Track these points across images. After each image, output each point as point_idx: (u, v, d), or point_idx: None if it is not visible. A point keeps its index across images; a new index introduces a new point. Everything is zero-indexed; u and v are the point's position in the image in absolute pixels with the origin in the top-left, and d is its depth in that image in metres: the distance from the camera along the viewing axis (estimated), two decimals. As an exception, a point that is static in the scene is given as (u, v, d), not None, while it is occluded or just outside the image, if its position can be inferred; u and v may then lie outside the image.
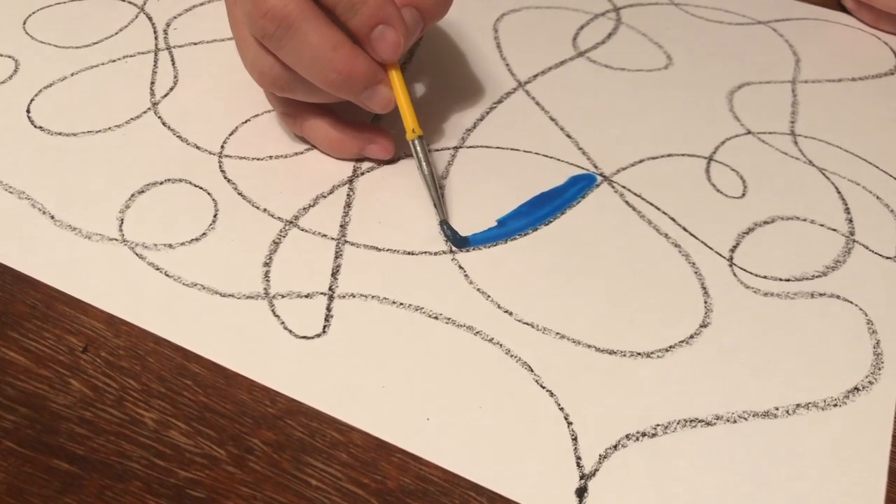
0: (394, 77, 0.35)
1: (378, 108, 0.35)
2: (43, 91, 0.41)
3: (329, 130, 0.37)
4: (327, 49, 0.32)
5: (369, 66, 0.33)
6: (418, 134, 0.36)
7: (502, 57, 0.45)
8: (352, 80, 0.33)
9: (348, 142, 0.37)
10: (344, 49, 0.32)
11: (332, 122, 0.37)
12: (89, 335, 0.31)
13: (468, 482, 0.27)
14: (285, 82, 0.34)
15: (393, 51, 0.33)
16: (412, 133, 0.36)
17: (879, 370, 0.31)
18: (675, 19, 0.49)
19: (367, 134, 0.37)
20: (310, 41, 0.32)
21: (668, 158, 0.39)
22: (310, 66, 0.33)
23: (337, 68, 0.32)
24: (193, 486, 0.27)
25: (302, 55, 0.32)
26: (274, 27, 0.32)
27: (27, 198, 0.36)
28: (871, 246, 0.35)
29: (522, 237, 0.35)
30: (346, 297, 0.32)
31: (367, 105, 0.35)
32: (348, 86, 0.33)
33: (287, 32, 0.32)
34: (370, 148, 0.37)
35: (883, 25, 0.48)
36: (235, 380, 0.30)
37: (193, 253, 0.34)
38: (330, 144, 0.37)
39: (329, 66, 0.32)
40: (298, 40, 0.32)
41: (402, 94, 0.35)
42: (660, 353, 0.31)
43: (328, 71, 0.32)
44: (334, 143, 0.37)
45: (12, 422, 0.28)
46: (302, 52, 0.32)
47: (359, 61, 0.33)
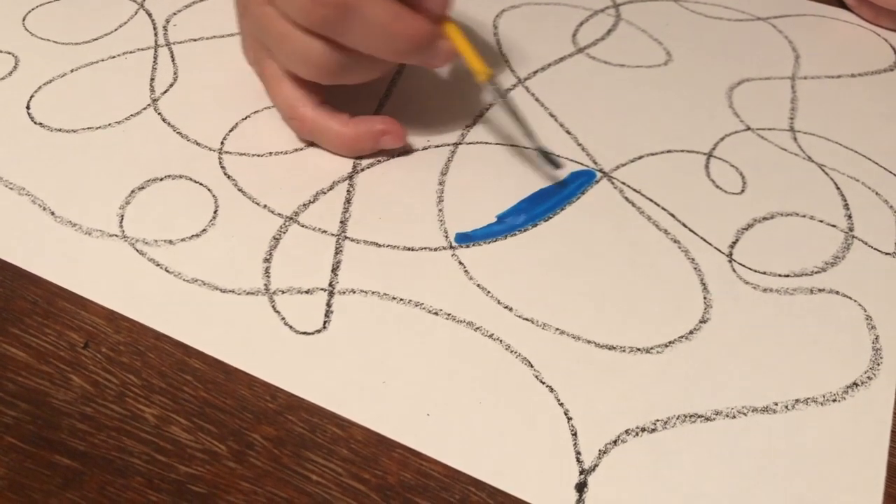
0: (450, 29, 0.35)
1: (442, 62, 0.36)
2: (43, 87, 0.41)
3: (342, 131, 0.37)
4: (391, 20, 0.33)
5: (429, 25, 0.34)
6: (490, 74, 0.36)
7: (502, 53, 0.45)
8: (418, 43, 0.34)
9: (363, 138, 0.37)
10: (404, 16, 0.33)
11: (343, 122, 0.37)
12: (90, 331, 0.31)
13: (468, 477, 0.27)
14: (338, 66, 0.34)
15: (445, 3, 0.34)
16: (484, 76, 0.36)
17: (878, 365, 0.31)
18: (675, 15, 0.49)
19: (378, 126, 0.37)
20: (374, 17, 0.32)
21: (667, 154, 0.39)
22: (376, 40, 0.33)
23: (403, 36, 0.33)
24: (194, 481, 0.27)
25: (368, 32, 0.33)
26: (335, 13, 0.32)
27: (27, 194, 0.36)
28: (870, 242, 0.36)
29: (522, 233, 0.35)
30: (347, 292, 0.33)
31: (432, 62, 0.35)
32: (416, 49, 0.34)
33: (351, 14, 0.32)
34: (384, 139, 0.38)
35: (883, 22, 0.48)
36: (236, 375, 0.30)
37: (194, 249, 0.34)
38: (344, 144, 0.37)
39: (396, 35, 0.33)
40: (362, 19, 0.32)
41: (462, 42, 0.36)
42: (659, 349, 0.31)
43: (395, 40, 0.33)
44: (349, 143, 0.37)
45: (13, 417, 0.28)
46: (368, 29, 0.33)
47: (419, 23, 0.34)
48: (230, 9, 0.39)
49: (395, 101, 0.41)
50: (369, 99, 0.41)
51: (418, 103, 0.41)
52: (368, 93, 0.41)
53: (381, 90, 0.42)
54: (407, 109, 0.40)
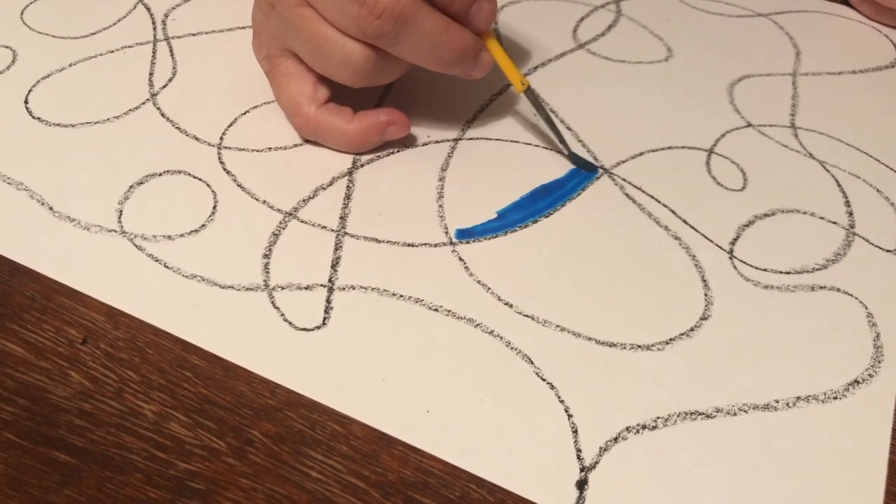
0: (491, 42, 0.37)
1: (482, 73, 0.37)
2: (41, 82, 0.41)
3: (346, 128, 0.37)
4: (441, 33, 0.34)
5: (474, 38, 0.36)
6: (527, 85, 0.38)
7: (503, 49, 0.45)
8: (465, 55, 0.35)
9: (368, 132, 0.37)
10: (452, 29, 0.34)
11: (347, 119, 0.37)
12: (88, 327, 0.31)
13: (469, 474, 0.27)
14: (376, 70, 0.35)
15: (489, 20, 0.36)
16: (521, 86, 0.38)
17: (879, 363, 0.31)
18: (676, 11, 0.49)
19: (382, 118, 0.37)
20: (426, 30, 0.34)
21: (668, 151, 0.39)
22: (426, 52, 0.34)
23: (452, 47, 0.35)
24: (193, 477, 0.27)
25: (419, 45, 0.34)
26: (391, 25, 0.33)
27: (25, 189, 0.36)
28: (871, 239, 0.35)
29: (522, 229, 0.35)
30: (346, 288, 0.32)
31: (472, 73, 0.37)
32: (462, 61, 0.35)
33: (405, 27, 0.33)
34: (390, 130, 0.38)
35: (884, 19, 0.48)
36: (235, 371, 0.30)
37: (193, 244, 0.34)
38: (351, 140, 0.37)
39: (445, 47, 0.34)
40: (416, 32, 0.33)
41: (501, 55, 0.37)
42: (660, 346, 0.31)
43: (445, 52, 0.35)
44: (356, 138, 0.37)
45: (12, 413, 0.28)
46: (419, 42, 0.34)
47: (466, 36, 0.35)
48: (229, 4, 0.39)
49: (396, 97, 0.41)
50: (370, 95, 0.41)
51: (418, 98, 0.41)
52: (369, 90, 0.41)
53: (381, 87, 0.42)
54: (407, 105, 0.39)
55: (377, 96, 0.41)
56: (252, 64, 0.39)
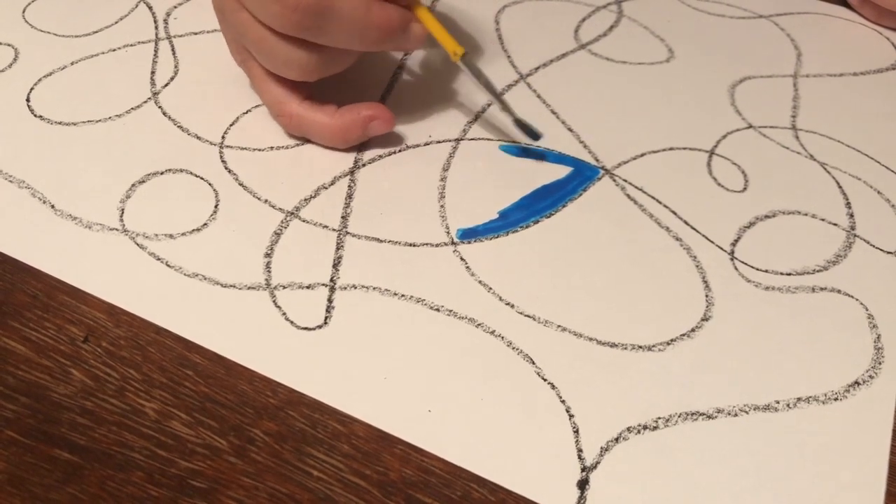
0: (421, 12, 0.36)
1: (416, 45, 0.36)
2: (43, 80, 0.41)
3: (329, 122, 0.37)
4: (363, 14, 0.33)
5: (400, 11, 0.35)
6: (461, 53, 0.36)
7: (504, 49, 0.45)
8: (391, 30, 0.35)
9: (351, 127, 0.37)
10: (373, 8, 0.34)
11: (330, 114, 0.37)
12: (90, 325, 0.31)
13: (470, 474, 0.27)
14: (319, 63, 0.35)
15: None
16: (455, 55, 0.37)
17: (880, 364, 0.31)
18: (677, 12, 0.49)
19: (364, 112, 0.37)
20: (346, 15, 0.33)
21: (669, 152, 0.39)
22: (352, 35, 0.34)
23: (377, 26, 0.34)
24: (195, 476, 0.27)
25: (343, 30, 0.33)
26: (310, 18, 0.32)
27: (27, 187, 0.36)
28: (871, 241, 0.35)
29: (524, 229, 0.35)
30: (348, 288, 0.32)
31: (405, 46, 0.36)
32: (389, 37, 0.35)
33: (324, 16, 0.33)
34: (372, 125, 0.37)
35: (885, 21, 0.48)
36: (236, 370, 0.30)
37: (194, 243, 0.34)
38: (333, 135, 0.37)
39: (370, 27, 0.34)
40: (336, 19, 0.33)
41: (434, 24, 0.36)
42: (661, 347, 0.31)
43: (371, 31, 0.34)
44: (338, 133, 0.37)
45: (13, 411, 0.28)
46: (343, 26, 0.33)
47: (389, 11, 0.34)
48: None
49: (397, 97, 0.41)
50: (371, 95, 0.41)
51: (420, 98, 0.41)
52: (370, 89, 0.41)
53: (382, 86, 0.42)
54: (409, 104, 0.40)
55: (379, 95, 0.41)
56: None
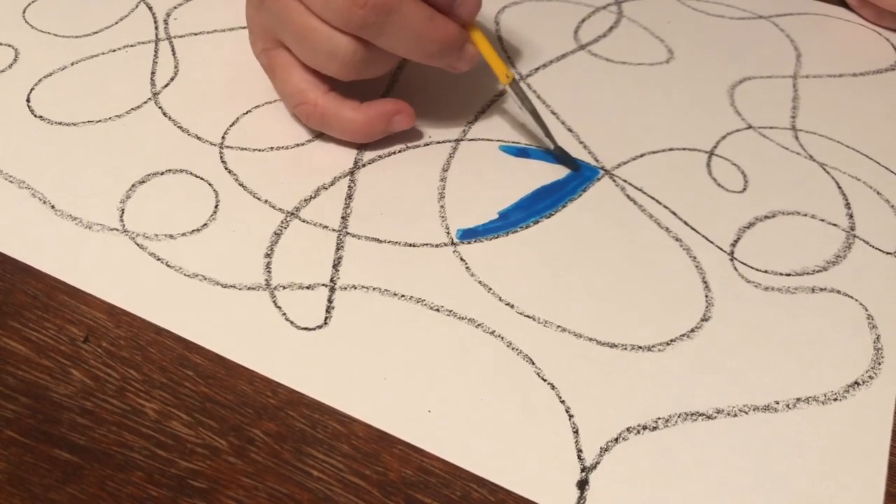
0: (476, 34, 0.37)
1: (467, 66, 0.37)
2: (43, 80, 0.41)
3: (353, 116, 0.37)
4: (425, 23, 0.34)
5: (458, 29, 0.35)
6: (511, 77, 0.37)
7: (504, 49, 0.45)
8: (449, 46, 0.35)
9: (375, 121, 0.37)
10: (437, 20, 0.34)
11: (354, 108, 0.37)
12: (90, 325, 0.31)
13: (469, 474, 0.27)
14: (364, 62, 0.35)
15: (474, 11, 0.36)
16: (506, 78, 0.37)
17: (880, 365, 0.31)
18: (677, 13, 0.49)
19: (389, 107, 0.38)
20: (411, 20, 0.33)
21: (669, 152, 0.39)
22: (410, 43, 0.34)
23: (436, 38, 0.35)
24: (195, 476, 0.27)
25: (403, 35, 0.34)
26: (376, 15, 0.33)
27: (27, 187, 0.36)
28: (871, 241, 0.36)
29: (524, 230, 0.35)
30: (348, 288, 0.32)
31: (457, 65, 0.36)
32: (447, 52, 0.35)
33: (389, 17, 0.33)
34: (396, 120, 0.38)
35: (885, 22, 0.48)
36: (237, 370, 0.30)
37: (194, 243, 0.34)
38: (357, 129, 0.37)
39: (429, 38, 0.34)
40: (401, 23, 0.33)
41: (487, 47, 0.37)
42: (661, 347, 0.31)
43: (429, 43, 0.34)
44: (362, 127, 0.37)
45: (13, 411, 0.28)
46: (403, 32, 0.34)
47: (450, 27, 0.35)
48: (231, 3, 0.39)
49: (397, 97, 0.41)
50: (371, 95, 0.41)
51: (420, 98, 0.41)
52: (370, 88, 0.41)
53: (382, 86, 0.42)
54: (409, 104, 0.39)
55: (379, 95, 0.41)
56: (254, 63, 0.39)
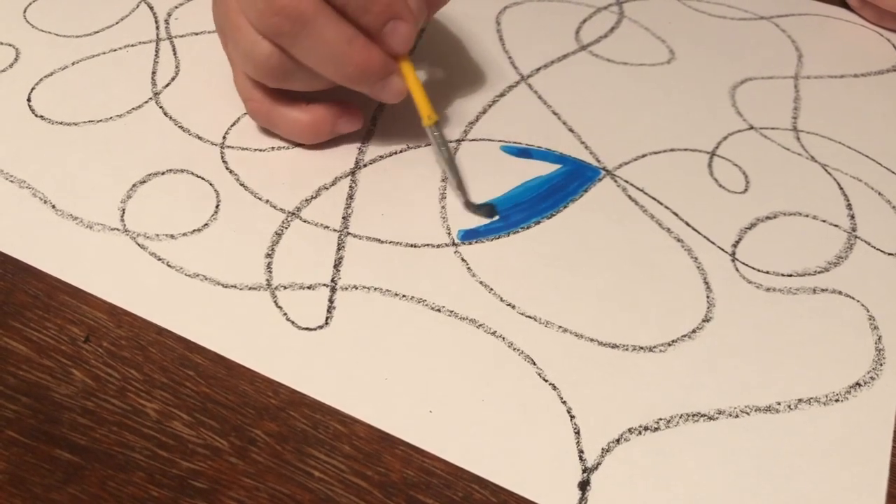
0: (405, 67, 0.35)
1: (392, 99, 0.35)
2: (44, 80, 0.41)
3: (298, 117, 0.37)
4: (343, 43, 0.32)
5: (383, 58, 0.34)
6: (434, 120, 0.36)
7: (505, 50, 0.45)
8: (368, 73, 0.34)
9: (321, 123, 0.37)
10: (358, 43, 0.33)
11: (300, 108, 0.37)
12: (91, 325, 0.31)
13: (471, 475, 0.27)
14: (282, 72, 0.34)
15: (405, 43, 0.34)
16: (428, 120, 0.36)
17: (881, 366, 0.31)
18: (678, 14, 0.49)
19: (334, 109, 0.37)
20: (325, 37, 0.32)
21: (670, 153, 0.39)
22: (326, 61, 0.33)
23: (354, 62, 0.33)
24: (196, 476, 0.27)
25: (318, 51, 0.33)
26: (289, 25, 0.32)
27: (28, 187, 0.36)
28: (872, 242, 0.36)
29: (525, 230, 0.35)
30: (349, 288, 0.32)
31: (381, 96, 0.35)
32: (364, 78, 0.34)
33: (303, 29, 0.32)
34: (341, 122, 0.37)
35: (886, 23, 0.48)
36: (238, 371, 0.30)
37: (195, 243, 0.34)
38: (302, 130, 0.37)
39: (345, 60, 0.33)
40: (314, 37, 0.32)
41: (414, 82, 0.36)
42: (662, 348, 0.31)
43: (345, 65, 0.33)
44: (307, 128, 0.37)
45: (14, 411, 0.28)
46: (318, 47, 0.32)
47: (373, 53, 0.33)
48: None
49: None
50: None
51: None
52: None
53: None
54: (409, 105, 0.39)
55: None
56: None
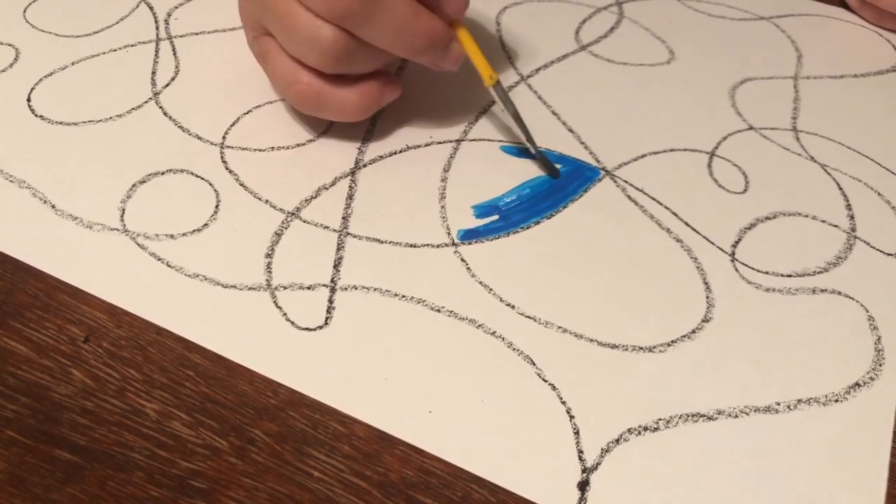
0: (462, 33, 0.36)
1: (452, 65, 0.36)
2: (43, 80, 0.41)
3: (348, 95, 0.36)
4: (410, 17, 0.33)
5: (444, 26, 0.35)
6: (495, 79, 0.37)
7: (504, 50, 0.45)
8: (434, 42, 0.35)
9: (369, 97, 0.37)
10: (423, 15, 0.34)
11: (349, 86, 0.36)
12: (91, 325, 0.31)
13: (470, 475, 0.27)
14: (347, 54, 0.34)
15: (462, 8, 0.35)
16: (490, 80, 0.37)
17: (880, 366, 0.31)
18: (678, 14, 0.49)
19: (378, 81, 0.37)
20: (395, 13, 0.33)
21: (670, 153, 0.39)
22: (395, 36, 0.34)
23: (422, 33, 0.34)
24: (195, 476, 0.27)
25: (387, 27, 0.33)
26: (359, 5, 0.32)
27: (28, 187, 0.36)
28: (872, 242, 0.36)
29: (525, 230, 0.35)
30: (349, 288, 0.32)
31: (442, 64, 0.36)
32: (432, 48, 0.35)
33: (374, 8, 0.32)
34: (386, 93, 0.37)
35: (885, 23, 0.48)
36: (237, 371, 0.30)
37: (195, 244, 0.34)
38: (353, 107, 0.37)
39: (414, 32, 0.34)
40: (385, 15, 0.33)
41: (473, 46, 0.37)
42: (662, 348, 0.31)
43: (414, 37, 0.34)
44: (357, 105, 0.36)
45: (14, 411, 0.28)
46: (387, 24, 0.33)
47: (436, 23, 0.34)
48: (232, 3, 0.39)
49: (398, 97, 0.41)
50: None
51: (421, 99, 0.41)
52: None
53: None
54: (409, 105, 0.40)
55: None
56: (255, 63, 0.39)
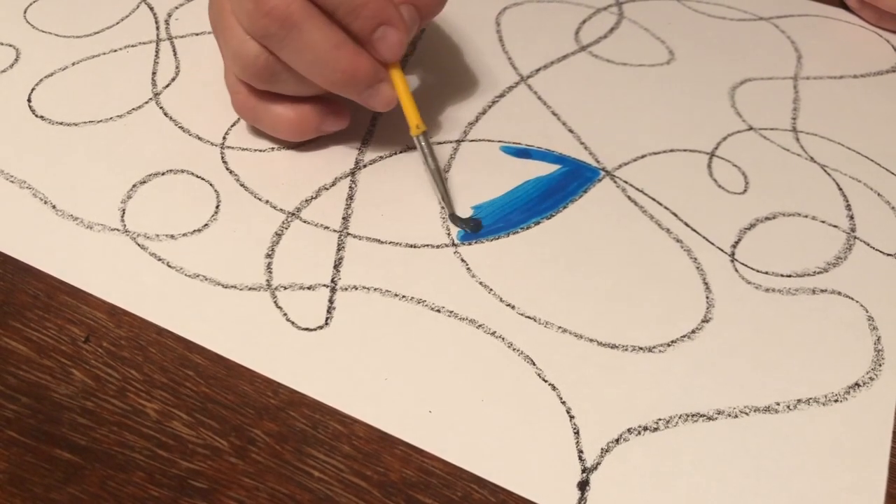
0: (395, 75, 0.35)
1: (380, 107, 0.35)
2: (44, 80, 0.41)
3: (284, 112, 0.36)
4: (330, 48, 0.32)
5: (372, 65, 0.33)
6: (422, 130, 0.35)
7: (504, 50, 0.45)
8: (355, 80, 0.33)
9: (306, 121, 0.36)
10: (346, 48, 0.33)
11: (286, 104, 0.36)
12: (91, 325, 0.31)
13: (470, 475, 0.27)
14: (269, 73, 0.34)
15: (395, 51, 0.34)
16: (416, 129, 0.35)
17: (880, 366, 0.31)
18: (678, 14, 0.49)
19: (321, 108, 0.36)
20: (313, 41, 0.32)
21: (670, 154, 0.39)
22: (312, 65, 0.33)
23: (341, 68, 0.33)
24: (196, 476, 0.27)
25: (304, 55, 0.32)
26: (276, 27, 0.32)
27: (29, 187, 0.36)
28: (872, 243, 0.36)
29: (525, 231, 0.35)
30: (349, 289, 0.32)
31: (369, 103, 0.35)
32: (352, 85, 0.33)
33: (290, 32, 0.32)
34: (327, 121, 0.37)
35: (885, 24, 0.48)
36: (237, 371, 0.30)
37: (195, 244, 0.34)
38: (286, 127, 0.36)
39: (333, 65, 0.33)
40: (301, 40, 0.32)
41: (404, 91, 0.35)
42: (661, 348, 0.31)
43: (332, 70, 0.33)
44: (292, 125, 0.36)
45: (14, 411, 0.28)
46: (305, 51, 0.32)
47: (361, 60, 0.33)
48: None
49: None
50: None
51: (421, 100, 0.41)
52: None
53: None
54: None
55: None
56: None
